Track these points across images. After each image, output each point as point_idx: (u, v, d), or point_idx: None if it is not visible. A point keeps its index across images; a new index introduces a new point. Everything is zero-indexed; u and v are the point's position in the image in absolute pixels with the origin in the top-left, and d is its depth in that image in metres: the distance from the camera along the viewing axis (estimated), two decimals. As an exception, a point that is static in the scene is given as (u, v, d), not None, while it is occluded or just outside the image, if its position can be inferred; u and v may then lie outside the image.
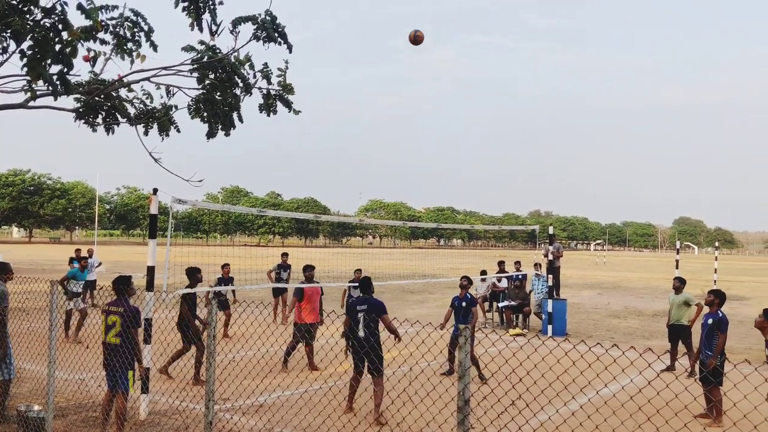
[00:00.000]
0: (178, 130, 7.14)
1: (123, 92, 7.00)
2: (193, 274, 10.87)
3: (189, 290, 10.35)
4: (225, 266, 15.66)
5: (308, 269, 12.25)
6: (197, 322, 10.80)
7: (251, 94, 6.76)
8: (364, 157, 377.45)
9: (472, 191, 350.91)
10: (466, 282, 11.77)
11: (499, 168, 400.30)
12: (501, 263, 19.80)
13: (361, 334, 8.47)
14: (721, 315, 8.77)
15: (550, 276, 17.01)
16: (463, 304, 11.49)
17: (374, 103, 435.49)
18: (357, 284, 15.56)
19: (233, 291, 15.94)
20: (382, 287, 27.03)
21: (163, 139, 7.00)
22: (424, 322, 8.52)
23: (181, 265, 14.02)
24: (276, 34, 6.29)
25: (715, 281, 31.79)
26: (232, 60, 6.44)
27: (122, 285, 7.33)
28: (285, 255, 17.98)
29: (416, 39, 9.50)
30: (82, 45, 5.58)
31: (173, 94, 6.87)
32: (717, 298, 9.00)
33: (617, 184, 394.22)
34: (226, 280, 15.47)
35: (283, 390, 9.77)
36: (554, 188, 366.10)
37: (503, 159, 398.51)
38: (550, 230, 18.47)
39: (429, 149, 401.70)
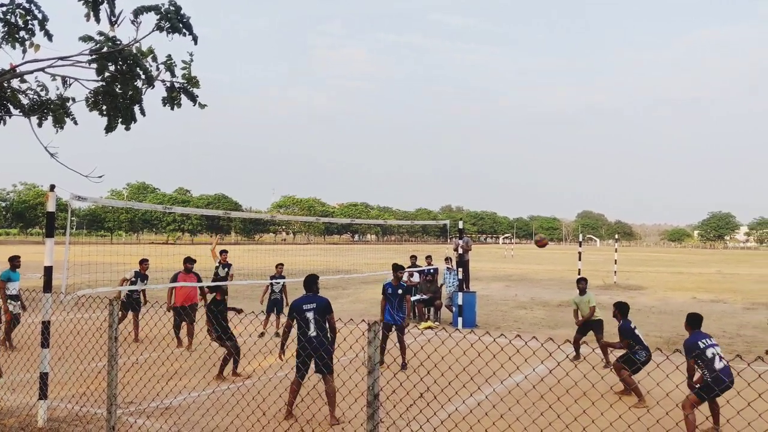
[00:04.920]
0: (76, 123, 6.81)
1: (15, 83, 6.63)
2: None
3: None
4: (143, 261, 14.42)
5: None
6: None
7: (154, 86, 6.54)
8: (277, 153, 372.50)
9: (386, 187, 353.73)
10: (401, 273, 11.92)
11: (411, 164, 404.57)
12: (413, 257, 20.09)
13: (313, 333, 8.18)
14: (621, 323, 10.05)
15: (460, 269, 17.39)
16: (399, 291, 11.49)
17: (284, 99, 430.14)
18: (278, 280, 15.32)
19: (143, 291, 14.87)
20: (296, 284, 26.75)
21: (57, 131, 6.66)
22: (335, 317, 8.52)
23: (82, 264, 13.43)
24: (180, 25, 6.10)
25: (615, 272, 33.50)
26: (134, 51, 6.21)
27: None
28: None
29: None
30: (-32, 32, 5.25)
31: (70, 85, 6.56)
32: (618, 310, 10.23)
33: (524, 180, 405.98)
34: (143, 276, 14.33)
35: (190, 391, 9.52)
36: (465, 184, 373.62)
37: (416, 155, 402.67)
38: (460, 225, 18.84)
39: (341, 145, 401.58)
